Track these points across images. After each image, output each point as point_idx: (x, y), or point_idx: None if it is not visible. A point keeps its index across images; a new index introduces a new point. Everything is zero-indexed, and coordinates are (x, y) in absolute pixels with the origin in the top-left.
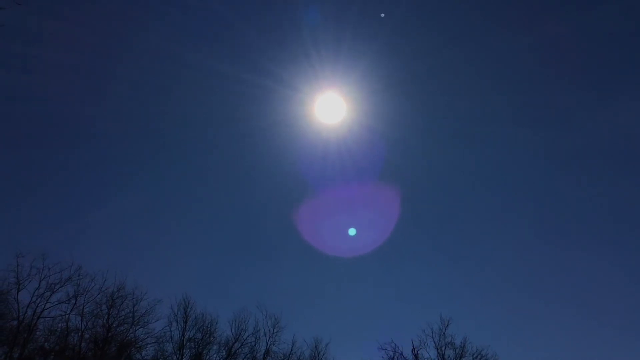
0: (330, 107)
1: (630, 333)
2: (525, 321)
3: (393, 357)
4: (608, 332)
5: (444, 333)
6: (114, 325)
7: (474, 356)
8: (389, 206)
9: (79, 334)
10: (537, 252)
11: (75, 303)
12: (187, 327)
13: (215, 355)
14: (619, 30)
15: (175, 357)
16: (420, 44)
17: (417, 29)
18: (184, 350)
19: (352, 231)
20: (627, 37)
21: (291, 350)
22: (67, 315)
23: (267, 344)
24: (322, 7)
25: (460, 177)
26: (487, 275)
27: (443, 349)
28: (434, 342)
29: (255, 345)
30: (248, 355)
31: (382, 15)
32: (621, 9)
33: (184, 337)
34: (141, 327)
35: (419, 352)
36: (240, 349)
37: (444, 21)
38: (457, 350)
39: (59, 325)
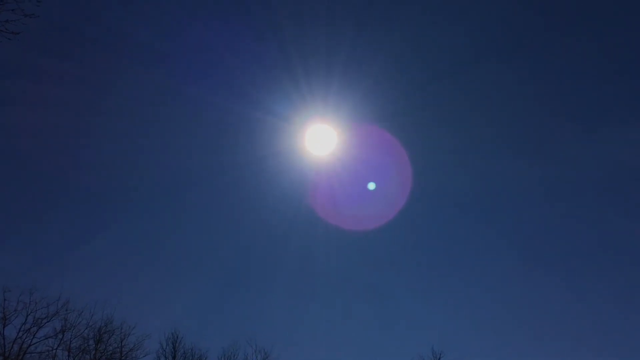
0: (321, 138)
1: None
2: (518, 353)
3: None
4: None
5: None
6: None
7: None
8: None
9: None
10: (528, 283)
11: (62, 338)
12: None
13: None
14: (608, 63)
15: None
16: (412, 76)
17: (409, 61)
18: None
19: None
20: (617, 69)
21: None
22: (54, 351)
23: None
24: (314, 38)
25: (450, 209)
26: (479, 308)
27: None
28: None
29: None
30: None
31: None
32: (609, 43)
33: None
34: None
35: None
36: None
37: (435, 54)
38: None
39: None
